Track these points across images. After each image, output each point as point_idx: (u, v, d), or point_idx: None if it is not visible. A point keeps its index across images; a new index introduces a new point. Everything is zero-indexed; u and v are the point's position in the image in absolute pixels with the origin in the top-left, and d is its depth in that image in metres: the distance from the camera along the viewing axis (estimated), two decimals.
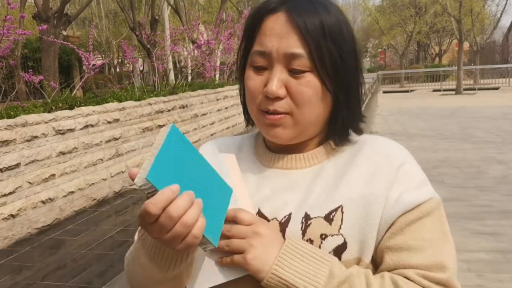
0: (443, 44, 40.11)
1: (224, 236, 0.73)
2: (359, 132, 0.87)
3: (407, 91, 24.25)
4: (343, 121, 0.83)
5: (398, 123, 11.99)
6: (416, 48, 42.87)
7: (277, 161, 0.87)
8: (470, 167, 6.70)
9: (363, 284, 0.71)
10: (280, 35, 0.77)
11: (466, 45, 27.63)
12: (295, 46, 0.76)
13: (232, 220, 0.75)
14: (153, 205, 0.62)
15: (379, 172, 0.80)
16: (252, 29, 0.82)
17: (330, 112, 0.83)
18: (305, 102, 0.78)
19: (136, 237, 0.93)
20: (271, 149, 0.90)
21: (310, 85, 0.77)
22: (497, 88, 22.94)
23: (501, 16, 27.89)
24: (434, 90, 23.78)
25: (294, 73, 0.78)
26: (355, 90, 0.83)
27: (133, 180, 0.62)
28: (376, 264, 0.79)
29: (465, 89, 21.54)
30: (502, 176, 6.13)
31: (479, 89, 22.59)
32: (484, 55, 33.40)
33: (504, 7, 36.95)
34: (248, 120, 0.92)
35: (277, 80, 0.77)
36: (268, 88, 0.78)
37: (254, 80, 0.81)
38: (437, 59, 40.38)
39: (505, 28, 37.48)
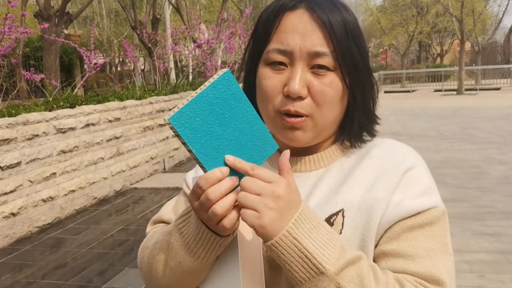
0: (445, 44, 40.07)
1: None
2: (373, 134, 0.85)
3: (408, 91, 24.24)
4: (359, 123, 0.81)
5: (399, 123, 11.98)
6: (418, 48, 42.81)
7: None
8: (471, 168, 6.68)
9: (370, 272, 0.68)
10: (303, 32, 0.74)
11: (467, 46, 27.60)
12: (319, 44, 0.73)
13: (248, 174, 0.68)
14: (204, 180, 0.65)
15: (384, 176, 0.77)
16: (268, 26, 0.78)
17: (345, 113, 0.80)
18: (326, 103, 0.75)
19: (148, 230, 0.94)
20: (281, 150, 0.87)
21: (332, 85, 0.75)
22: (498, 89, 22.92)
23: (502, 16, 27.93)
24: (436, 90, 23.77)
25: (317, 72, 0.74)
26: (371, 91, 0.82)
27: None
28: None
29: (466, 90, 21.52)
30: (504, 176, 6.12)
31: (481, 89, 22.57)
32: (486, 56, 33.38)
33: (506, 7, 37.04)
34: None
35: (300, 79, 0.74)
36: (290, 88, 0.73)
37: (271, 79, 0.76)
38: (438, 59, 40.34)
39: (507, 29, 37.46)
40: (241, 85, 0.88)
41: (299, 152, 0.84)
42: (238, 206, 0.66)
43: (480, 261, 3.60)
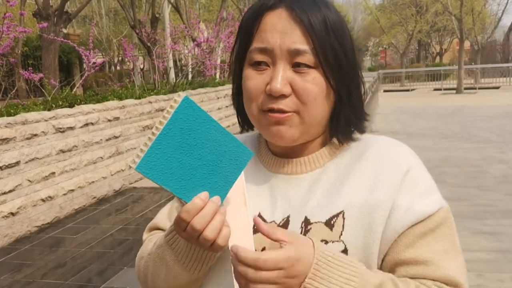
0: (444, 43, 40.06)
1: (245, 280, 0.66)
2: (362, 131, 0.84)
3: (407, 90, 24.22)
4: (346, 120, 0.80)
5: (399, 122, 11.98)
6: (417, 47, 42.82)
7: (282, 166, 0.84)
8: (471, 167, 6.68)
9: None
10: (283, 31, 0.74)
11: (467, 44, 27.60)
12: (299, 41, 0.74)
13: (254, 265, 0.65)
14: (186, 213, 0.66)
15: (384, 176, 0.77)
16: (250, 27, 0.78)
17: (332, 111, 0.80)
18: (311, 100, 0.75)
19: (144, 237, 0.95)
20: (275, 152, 0.87)
21: (315, 82, 0.75)
22: (497, 87, 22.91)
23: (502, 15, 27.90)
24: (435, 89, 23.76)
25: (299, 70, 0.75)
26: (357, 87, 0.81)
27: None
28: None
29: (465, 88, 21.50)
30: (503, 175, 6.12)
31: (480, 88, 22.55)
32: (485, 54, 33.38)
33: (505, 6, 36.83)
34: (243, 125, 0.88)
35: (282, 77, 0.74)
36: (272, 86, 0.74)
37: (254, 79, 0.77)
38: (437, 58, 40.33)
39: (506, 27, 37.45)
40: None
41: (293, 154, 0.84)
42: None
43: (479, 260, 3.60)
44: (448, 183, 5.75)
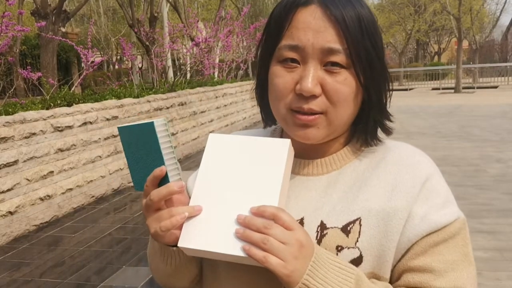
0: (442, 42, 40.08)
1: (261, 232, 0.66)
2: (389, 132, 0.83)
3: (406, 90, 24.23)
4: (374, 121, 0.79)
5: (397, 121, 11.83)
6: (415, 47, 42.79)
7: (296, 167, 0.83)
8: (469, 166, 6.70)
9: None
10: (316, 28, 0.72)
11: (465, 44, 27.62)
12: (333, 40, 0.71)
13: (272, 219, 0.66)
14: (147, 189, 0.74)
15: (403, 184, 0.76)
16: (280, 23, 0.75)
17: (359, 112, 0.79)
18: (341, 101, 0.73)
19: None
20: (295, 148, 0.85)
21: (346, 83, 0.73)
22: (496, 87, 22.95)
23: (500, 14, 28.00)
24: (433, 89, 23.78)
25: (330, 70, 0.72)
26: (385, 88, 0.79)
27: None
28: (390, 281, 0.77)
29: (464, 88, 21.53)
30: (501, 174, 6.14)
31: (478, 87, 22.59)
32: (483, 54, 33.42)
33: (504, 5, 36.94)
34: (267, 121, 0.87)
35: (313, 77, 0.72)
36: (303, 86, 0.71)
37: (283, 77, 0.75)
38: (436, 57, 40.36)
39: (504, 27, 37.51)
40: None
41: (310, 155, 0.83)
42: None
43: (476, 258, 3.59)
44: (446, 182, 5.74)
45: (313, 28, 0.72)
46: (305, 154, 0.83)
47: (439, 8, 27.46)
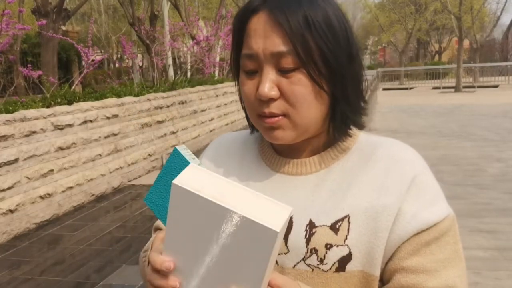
0: (443, 41, 40.05)
1: None
2: (361, 126, 0.83)
3: (406, 89, 24.24)
4: (342, 116, 0.79)
5: (397, 120, 11.99)
6: (416, 46, 42.80)
7: (284, 166, 0.84)
8: (469, 165, 6.70)
9: None
10: (264, 35, 0.73)
11: (466, 43, 27.59)
12: (279, 44, 0.72)
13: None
14: (153, 262, 0.66)
15: (391, 182, 0.76)
16: (238, 33, 0.79)
17: (329, 108, 0.78)
18: (300, 102, 0.74)
19: (153, 233, 0.99)
20: (278, 151, 0.86)
21: (301, 83, 0.73)
22: (496, 86, 22.93)
23: (501, 14, 27.89)
24: (434, 88, 23.78)
25: (284, 72, 0.74)
26: (352, 82, 0.78)
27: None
28: (382, 280, 0.77)
29: (464, 87, 21.53)
30: (501, 174, 6.14)
31: (479, 87, 22.57)
32: (484, 53, 33.38)
33: (504, 5, 36.94)
34: (252, 127, 0.88)
35: (268, 82, 0.73)
36: (259, 91, 0.74)
37: (247, 85, 0.78)
38: (436, 56, 40.33)
39: (505, 26, 37.45)
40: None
41: (297, 154, 0.83)
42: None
43: (476, 258, 3.62)
44: (446, 181, 5.76)
45: (262, 35, 0.74)
46: (290, 154, 0.84)
47: (439, 7, 27.44)
